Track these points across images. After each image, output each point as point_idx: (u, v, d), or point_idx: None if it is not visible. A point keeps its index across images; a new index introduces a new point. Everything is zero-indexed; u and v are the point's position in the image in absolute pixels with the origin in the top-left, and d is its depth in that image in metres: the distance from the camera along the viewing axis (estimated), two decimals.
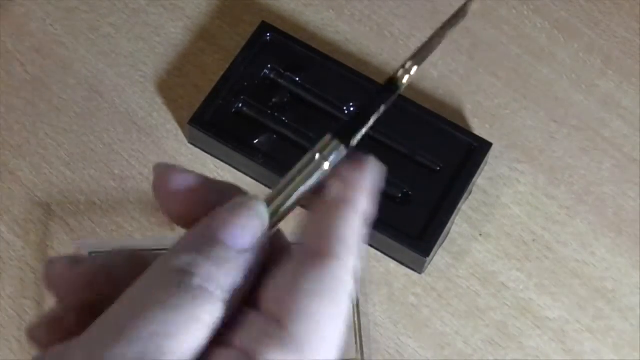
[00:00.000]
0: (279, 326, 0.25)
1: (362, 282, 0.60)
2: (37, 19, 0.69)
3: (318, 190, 0.28)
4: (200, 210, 0.28)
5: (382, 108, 0.30)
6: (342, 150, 0.29)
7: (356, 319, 0.58)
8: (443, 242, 0.62)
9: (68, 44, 0.68)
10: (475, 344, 0.59)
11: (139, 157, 0.64)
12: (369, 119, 0.30)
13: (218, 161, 0.64)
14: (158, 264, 0.27)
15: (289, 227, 0.29)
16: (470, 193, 0.64)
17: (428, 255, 0.60)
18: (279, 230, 0.29)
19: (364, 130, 0.29)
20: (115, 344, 0.24)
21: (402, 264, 0.61)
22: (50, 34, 0.68)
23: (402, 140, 0.63)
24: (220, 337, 0.26)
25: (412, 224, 0.60)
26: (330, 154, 0.29)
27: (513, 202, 0.64)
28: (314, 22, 0.69)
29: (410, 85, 0.75)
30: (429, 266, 0.61)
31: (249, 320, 0.26)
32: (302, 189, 0.29)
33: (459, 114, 0.66)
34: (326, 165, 0.29)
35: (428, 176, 0.62)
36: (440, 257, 0.62)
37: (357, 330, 0.58)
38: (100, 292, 0.28)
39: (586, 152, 0.66)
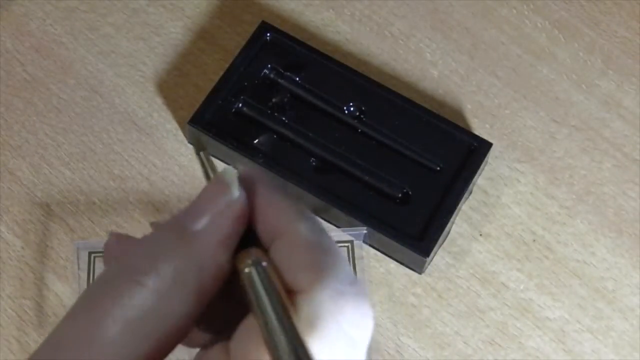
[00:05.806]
0: None
1: (362, 283, 0.60)
2: (37, 19, 0.69)
3: None
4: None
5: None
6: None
7: None
8: (443, 242, 0.62)
9: (68, 43, 0.68)
10: (475, 344, 0.59)
11: (139, 157, 0.64)
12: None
13: (218, 161, 0.64)
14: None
15: None
16: (470, 193, 0.63)
17: (428, 255, 0.59)
18: None
19: None
20: None
21: (402, 264, 0.61)
22: (49, 34, 0.68)
23: (402, 140, 0.63)
24: None
25: (412, 224, 0.60)
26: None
27: (513, 202, 0.64)
28: (314, 22, 0.69)
29: (410, 85, 0.75)
30: (429, 266, 0.61)
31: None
32: None
33: (459, 114, 0.66)
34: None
35: (428, 176, 0.62)
36: (440, 257, 0.62)
37: None
38: None
39: (586, 152, 0.66)
